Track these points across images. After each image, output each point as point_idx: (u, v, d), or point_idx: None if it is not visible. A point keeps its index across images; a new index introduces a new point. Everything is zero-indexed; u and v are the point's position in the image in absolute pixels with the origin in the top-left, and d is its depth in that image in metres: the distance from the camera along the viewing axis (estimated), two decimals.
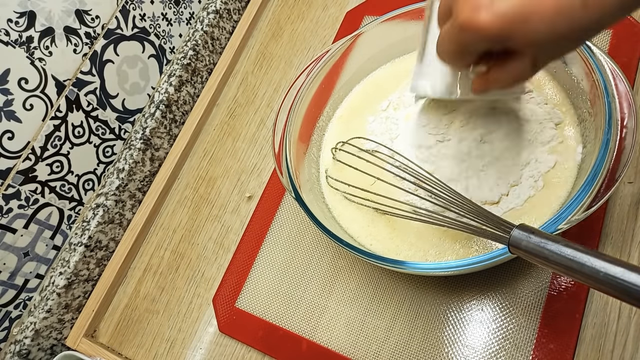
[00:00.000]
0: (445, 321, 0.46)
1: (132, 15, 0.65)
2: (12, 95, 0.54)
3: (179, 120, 0.72)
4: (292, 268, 0.54)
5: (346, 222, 0.50)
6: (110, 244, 0.65)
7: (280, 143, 0.51)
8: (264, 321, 0.53)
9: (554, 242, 0.30)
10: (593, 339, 0.41)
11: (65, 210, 0.62)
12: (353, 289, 0.51)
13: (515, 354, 0.43)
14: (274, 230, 0.58)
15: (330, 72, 0.55)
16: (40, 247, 0.60)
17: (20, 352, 0.57)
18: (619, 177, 0.36)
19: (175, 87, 0.70)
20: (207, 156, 0.69)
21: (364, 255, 0.41)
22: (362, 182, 0.49)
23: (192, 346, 0.56)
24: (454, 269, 0.38)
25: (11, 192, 0.55)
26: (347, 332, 0.49)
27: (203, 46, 0.73)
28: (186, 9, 0.74)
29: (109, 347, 0.60)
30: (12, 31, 0.53)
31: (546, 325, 0.43)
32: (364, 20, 0.66)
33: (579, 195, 0.36)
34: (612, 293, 0.27)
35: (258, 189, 0.63)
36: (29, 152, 0.56)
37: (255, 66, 0.73)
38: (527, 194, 0.44)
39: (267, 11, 0.77)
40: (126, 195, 0.66)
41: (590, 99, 0.43)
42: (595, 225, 0.44)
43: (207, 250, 0.62)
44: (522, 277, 0.45)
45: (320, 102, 0.57)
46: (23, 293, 0.59)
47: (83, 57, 0.60)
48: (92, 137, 0.63)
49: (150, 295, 0.62)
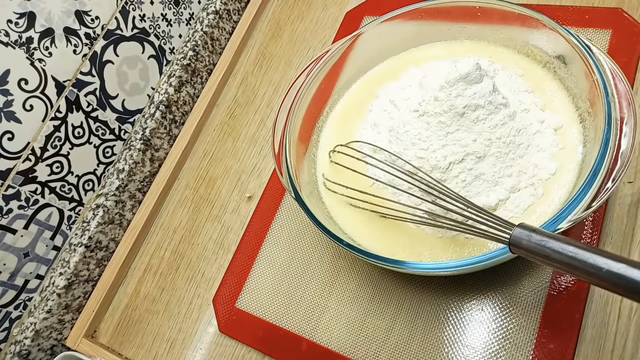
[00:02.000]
0: (445, 321, 0.46)
1: (131, 15, 0.65)
2: (12, 96, 0.54)
3: (179, 121, 0.72)
4: (292, 268, 0.54)
5: (343, 222, 0.50)
6: (110, 245, 0.65)
7: (280, 143, 0.51)
8: (264, 321, 0.53)
9: (555, 240, 0.30)
10: (593, 339, 0.41)
11: (65, 210, 0.62)
12: (353, 289, 0.51)
13: (515, 354, 0.43)
14: (274, 230, 0.58)
15: (330, 72, 0.55)
16: (40, 247, 0.60)
17: (21, 352, 0.57)
18: (619, 177, 0.36)
19: (175, 87, 0.70)
20: (207, 156, 0.69)
21: (364, 255, 0.41)
22: (360, 184, 0.49)
23: (192, 346, 0.56)
24: (453, 269, 0.38)
25: (11, 193, 0.55)
26: (347, 332, 0.49)
27: (203, 47, 0.73)
28: (186, 9, 0.74)
29: (109, 348, 0.60)
30: (12, 32, 0.53)
31: (546, 325, 0.43)
32: (363, 20, 0.66)
33: (579, 195, 0.36)
34: (614, 289, 0.27)
35: (258, 189, 0.63)
36: (28, 153, 0.56)
37: (255, 66, 0.73)
38: (526, 202, 0.44)
39: (266, 11, 0.77)
40: (126, 195, 0.66)
41: (590, 99, 0.43)
42: (595, 225, 0.44)
43: (207, 250, 0.62)
44: (522, 277, 0.45)
45: (320, 102, 0.57)
46: (23, 293, 0.59)
47: (83, 58, 0.60)
48: (92, 137, 0.63)
49: (151, 296, 0.62)
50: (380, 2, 0.66)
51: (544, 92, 0.48)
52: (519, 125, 0.45)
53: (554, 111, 0.47)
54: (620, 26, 0.51)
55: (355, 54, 0.56)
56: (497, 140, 0.45)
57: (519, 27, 0.49)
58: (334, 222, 0.50)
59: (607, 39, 0.51)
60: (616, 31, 0.51)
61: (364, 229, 0.49)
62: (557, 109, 0.47)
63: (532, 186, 0.44)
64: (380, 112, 0.53)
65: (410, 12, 0.52)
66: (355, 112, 0.57)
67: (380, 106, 0.54)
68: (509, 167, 0.45)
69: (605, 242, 0.44)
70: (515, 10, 0.47)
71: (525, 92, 0.49)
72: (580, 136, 0.45)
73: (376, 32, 0.54)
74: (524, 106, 0.47)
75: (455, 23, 0.53)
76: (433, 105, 0.45)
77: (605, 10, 0.53)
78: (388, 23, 0.53)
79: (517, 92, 0.49)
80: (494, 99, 0.45)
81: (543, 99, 0.48)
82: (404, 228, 0.47)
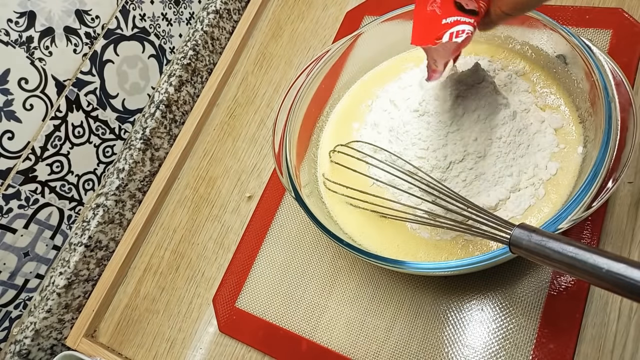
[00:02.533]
0: (445, 321, 0.46)
1: (132, 15, 0.65)
2: (12, 95, 0.54)
3: (179, 120, 0.72)
4: (292, 268, 0.54)
5: (343, 222, 0.50)
6: (110, 244, 0.65)
7: (280, 143, 0.51)
8: (264, 321, 0.53)
9: (555, 240, 0.30)
10: (593, 339, 0.41)
11: (65, 210, 0.62)
12: (353, 289, 0.51)
13: (515, 354, 0.43)
14: (274, 230, 0.58)
15: (330, 72, 0.55)
16: (40, 247, 0.60)
17: (21, 352, 0.57)
18: (619, 177, 0.36)
19: (175, 87, 0.70)
20: (207, 156, 0.69)
21: (364, 255, 0.41)
22: (360, 184, 0.49)
23: (192, 346, 0.56)
24: (453, 269, 0.38)
25: (11, 192, 0.55)
26: (347, 332, 0.49)
27: (203, 46, 0.73)
28: (186, 9, 0.74)
29: (109, 347, 0.60)
30: (12, 31, 0.53)
31: (546, 325, 0.43)
32: (364, 20, 0.66)
33: (579, 195, 0.36)
34: (615, 290, 0.27)
35: (258, 189, 0.63)
36: (29, 152, 0.56)
37: (255, 66, 0.73)
38: (527, 202, 0.44)
39: (267, 11, 0.77)
40: (126, 195, 0.66)
41: (590, 99, 0.43)
42: (595, 225, 0.44)
43: (207, 250, 0.62)
44: (522, 277, 0.45)
45: (320, 102, 0.57)
46: (23, 293, 0.59)
47: (83, 57, 0.60)
48: (92, 137, 0.63)
49: (150, 295, 0.62)
50: (380, 2, 0.66)
51: (544, 92, 0.48)
52: (520, 125, 0.45)
53: (554, 111, 0.47)
54: (620, 26, 0.51)
55: (356, 54, 0.56)
56: (497, 140, 0.45)
57: (519, 27, 0.49)
58: (334, 222, 0.50)
59: (608, 39, 0.51)
60: (617, 31, 0.51)
61: (364, 229, 0.49)
62: (557, 109, 0.47)
63: (532, 186, 0.44)
64: (381, 112, 0.53)
65: (411, 12, 0.52)
66: (356, 112, 0.57)
67: (380, 106, 0.54)
68: (509, 167, 0.45)
69: (605, 242, 0.44)
70: None
71: (525, 92, 0.49)
72: (581, 136, 0.45)
73: (376, 32, 0.54)
74: (524, 106, 0.47)
75: None
76: (433, 105, 0.45)
77: (606, 10, 0.53)
78: (388, 23, 0.53)
79: (517, 92, 0.49)
80: (494, 99, 0.45)
81: (543, 99, 0.48)
82: (404, 228, 0.47)
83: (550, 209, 0.43)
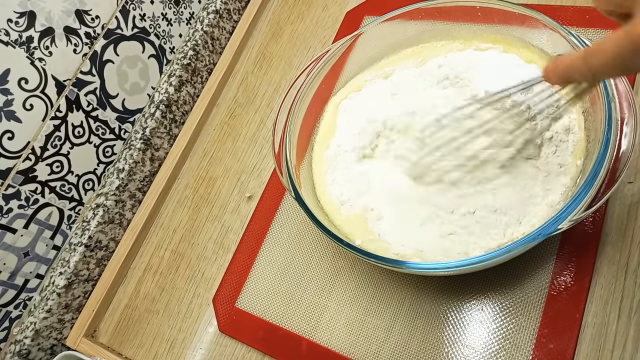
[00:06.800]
0: (445, 321, 0.46)
1: (132, 15, 0.65)
2: (12, 95, 0.54)
3: (179, 120, 0.72)
4: (292, 268, 0.54)
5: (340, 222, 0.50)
6: (110, 244, 0.65)
7: (280, 143, 0.51)
8: (264, 321, 0.53)
9: None
10: (593, 339, 0.41)
11: (65, 210, 0.62)
12: (353, 289, 0.51)
13: (515, 354, 0.43)
14: (274, 230, 0.58)
15: (330, 72, 0.55)
16: (40, 247, 0.60)
17: (21, 352, 0.57)
18: (619, 177, 0.36)
19: (175, 87, 0.70)
20: (207, 156, 0.69)
21: (364, 255, 0.41)
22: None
23: (192, 346, 0.56)
24: (454, 269, 0.38)
25: (11, 192, 0.55)
26: (347, 332, 0.49)
27: (203, 46, 0.73)
28: (186, 9, 0.74)
29: (109, 347, 0.60)
30: (12, 31, 0.53)
31: (546, 325, 0.43)
32: (364, 20, 0.66)
33: (579, 195, 0.36)
34: None
35: (258, 189, 0.63)
36: (29, 152, 0.56)
37: (255, 66, 0.73)
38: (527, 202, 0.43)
39: (267, 11, 0.77)
40: (126, 195, 0.66)
41: (590, 99, 0.43)
42: (596, 225, 0.44)
43: (207, 250, 0.62)
44: (522, 277, 0.45)
45: (320, 102, 0.57)
46: (23, 293, 0.59)
47: (83, 57, 0.60)
48: (92, 137, 0.63)
49: (150, 295, 0.62)
50: (380, 2, 0.66)
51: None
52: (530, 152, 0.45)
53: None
54: (620, 26, 0.51)
55: (356, 54, 0.56)
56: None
57: (519, 27, 0.49)
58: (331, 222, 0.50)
59: None
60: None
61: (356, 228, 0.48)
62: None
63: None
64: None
65: (411, 12, 0.52)
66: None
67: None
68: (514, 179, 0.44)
69: (605, 242, 0.44)
70: (516, 10, 0.47)
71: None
72: (581, 136, 0.45)
73: (376, 32, 0.54)
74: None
75: (455, 23, 0.53)
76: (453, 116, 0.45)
77: None
78: (388, 23, 0.53)
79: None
80: (508, 103, 0.45)
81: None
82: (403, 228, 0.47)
83: (551, 209, 0.43)
